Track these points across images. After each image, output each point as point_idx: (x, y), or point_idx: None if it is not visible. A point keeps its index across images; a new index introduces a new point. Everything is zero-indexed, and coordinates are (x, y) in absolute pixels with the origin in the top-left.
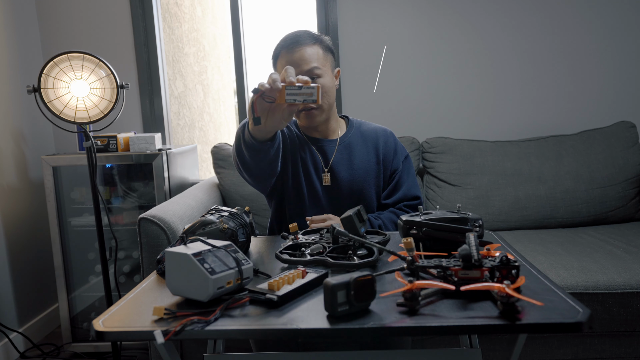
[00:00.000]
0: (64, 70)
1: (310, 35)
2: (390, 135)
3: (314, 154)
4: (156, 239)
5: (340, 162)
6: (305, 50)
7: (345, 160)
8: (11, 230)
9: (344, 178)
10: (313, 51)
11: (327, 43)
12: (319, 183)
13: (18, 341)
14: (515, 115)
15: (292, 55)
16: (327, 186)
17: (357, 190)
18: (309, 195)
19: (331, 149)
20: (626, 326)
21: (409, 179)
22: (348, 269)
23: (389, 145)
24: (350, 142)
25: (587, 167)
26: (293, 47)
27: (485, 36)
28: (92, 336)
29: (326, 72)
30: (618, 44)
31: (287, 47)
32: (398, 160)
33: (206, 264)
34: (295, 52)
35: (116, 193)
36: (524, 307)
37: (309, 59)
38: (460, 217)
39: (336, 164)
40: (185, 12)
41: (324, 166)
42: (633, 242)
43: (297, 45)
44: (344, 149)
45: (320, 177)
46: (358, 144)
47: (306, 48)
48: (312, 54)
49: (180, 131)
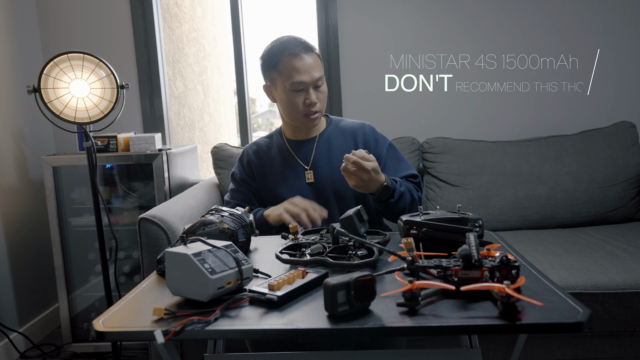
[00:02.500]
0: (64, 71)
1: (306, 43)
2: (369, 128)
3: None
4: (156, 239)
5: (320, 158)
6: (309, 57)
7: (324, 155)
8: (11, 231)
9: (326, 172)
10: (315, 59)
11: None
12: (303, 182)
13: (18, 341)
14: (515, 115)
15: (301, 61)
16: (311, 183)
17: (340, 181)
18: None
19: (310, 147)
20: (626, 326)
21: (399, 162)
22: (348, 269)
23: (368, 136)
24: (329, 137)
25: (587, 167)
26: (300, 53)
27: (486, 36)
28: (92, 336)
29: (324, 80)
30: (618, 44)
31: (293, 54)
32: (381, 148)
33: (206, 264)
34: (303, 58)
35: (116, 193)
36: (524, 307)
37: (315, 67)
38: (460, 217)
39: (317, 160)
40: (185, 12)
41: (304, 165)
42: (633, 242)
43: (303, 52)
44: (323, 145)
45: (304, 176)
46: (337, 139)
47: (308, 56)
48: (315, 62)
49: (180, 131)
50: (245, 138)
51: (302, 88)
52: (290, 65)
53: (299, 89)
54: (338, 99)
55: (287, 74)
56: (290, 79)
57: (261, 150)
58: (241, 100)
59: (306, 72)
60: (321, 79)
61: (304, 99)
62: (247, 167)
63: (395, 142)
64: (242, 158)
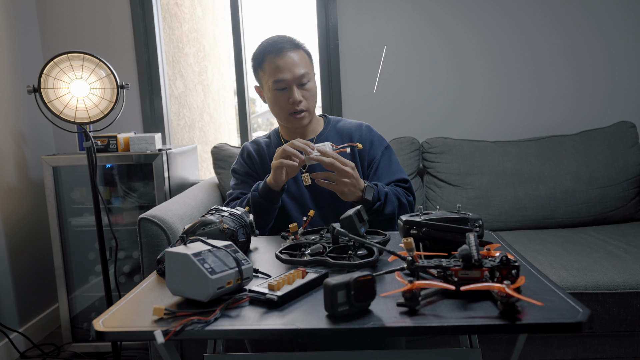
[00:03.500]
0: (64, 71)
1: (293, 41)
2: (366, 128)
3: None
4: (156, 239)
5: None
6: (294, 54)
7: None
8: (11, 231)
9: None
10: (301, 56)
11: (307, 49)
12: (300, 185)
13: (18, 341)
14: (515, 115)
15: (283, 58)
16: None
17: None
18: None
19: None
20: (626, 326)
21: (391, 166)
22: (348, 269)
23: (364, 137)
24: (326, 138)
25: (587, 167)
26: (282, 51)
27: (486, 36)
28: (92, 336)
29: (312, 77)
30: (618, 44)
31: (276, 52)
32: (375, 150)
33: (206, 264)
34: (285, 56)
35: (116, 193)
36: (524, 307)
37: (299, 64)
38: (460, 217)
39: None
40: (185, 12)
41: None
42: (633, 242)
43: (285, 50)
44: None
45: (300, 179)
46: (334, 140)
47: (295, 53)
48: (301, 59)
49: (180, 131)
50: (245, 138)
51: (285, 86)
52: (272, 64)
53: (281, 87)
54: (338, 99)
55: (270, 72)
56: (272, 77)
57: (261, 148)
58: (241, 100)
59: (288, 70)
60: (306, 76)
61: (288, 97)
62: (248, 160)
63: (395, 142)
64: (242, 153)
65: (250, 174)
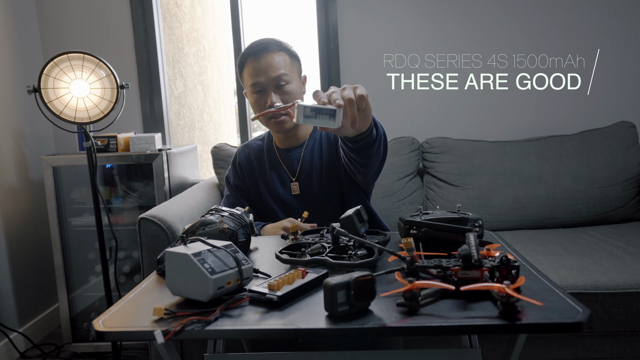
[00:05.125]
0: (64, 71)
1: (275, 42)
2: None
3: (279, 166)
4: (156, 239)
5: (305, 168)
6: (272, 57)
7: (310, 164)
8: (11, 231)
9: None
10: (280, 58)
11: (293, 50)
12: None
13: (18, 341)
14: (515, 115)
15: (259, 62)
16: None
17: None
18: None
19: (297, 155)
20: (626, 326)
21: None
22: (348, 269)
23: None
24: (314, 143)
25: (587, 167)
26: (259, 54)
27: (486, 36)
28: (92, 336)
29: (294, 79)
30: (618, 44)
31: (254, 55)
32: None
33: (206, 264)
34: (262, 59)
35: (116, 193)
36: (524, 307)
37: (277, 66)
38: (460, 217)
39: (302, 170)
40: (185, 12)
41: (291, 176)
42: (633, 242)
43: (263, 52)
44: (309, 153)
45: (289, 188)
46: (323, 143)
47: (273, 55)
48: (279, 61)
49: (180, 131)
50: (245, 138)
51: (261, 89)
52: (250, 67)
53: (257, 90)
54: None
55: (248, 76)
56: (250, 80)
57: (252, 153)
58: (241, 100)
59: (263, 73)
60: (284, 78)
61: (265, 101)
62: (239, 170)
63: (395, 142)
64: (234, 161)
65: (239, 187)
